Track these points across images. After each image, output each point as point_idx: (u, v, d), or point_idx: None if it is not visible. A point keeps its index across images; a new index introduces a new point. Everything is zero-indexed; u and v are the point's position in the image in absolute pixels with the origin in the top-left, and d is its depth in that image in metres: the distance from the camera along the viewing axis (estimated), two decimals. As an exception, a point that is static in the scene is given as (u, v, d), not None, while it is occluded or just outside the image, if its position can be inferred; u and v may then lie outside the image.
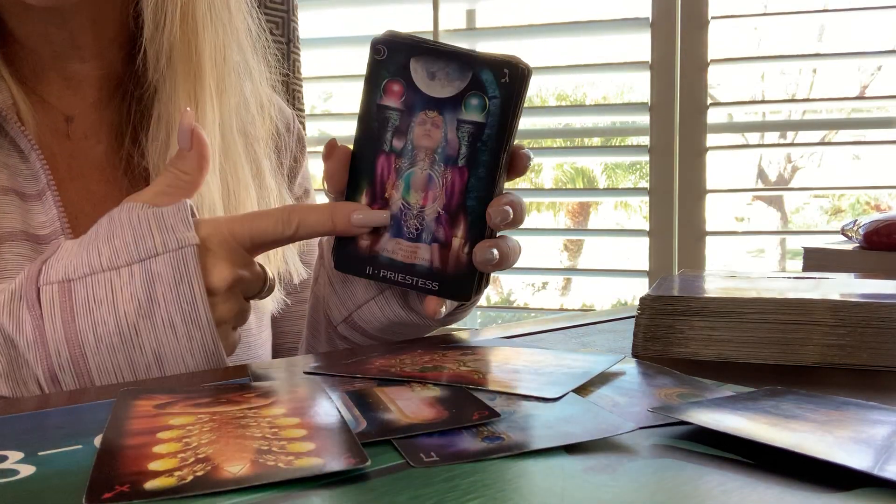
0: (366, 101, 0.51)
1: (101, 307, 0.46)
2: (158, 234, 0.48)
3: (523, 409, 0.37)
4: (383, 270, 0.52)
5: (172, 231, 0.48)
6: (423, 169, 0.50)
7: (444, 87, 0.49)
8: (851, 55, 1.73)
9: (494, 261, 0.50)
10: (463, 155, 0.49)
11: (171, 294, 0.47)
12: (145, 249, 0.47)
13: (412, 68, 0.49)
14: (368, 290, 0.56)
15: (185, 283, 0.47)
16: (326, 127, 2.39)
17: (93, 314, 0.46)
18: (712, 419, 0.34)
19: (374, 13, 1.82)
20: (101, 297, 0.46)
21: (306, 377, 0.43)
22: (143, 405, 0.37)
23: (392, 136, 0.50)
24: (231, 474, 0.28)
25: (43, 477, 0.29)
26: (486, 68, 0.48)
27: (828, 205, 8.91)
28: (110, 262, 0.47)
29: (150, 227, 0.48)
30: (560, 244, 9.11)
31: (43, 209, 0.59)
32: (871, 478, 0.28)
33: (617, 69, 1.89)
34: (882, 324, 0.46)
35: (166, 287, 0.47)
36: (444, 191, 0.50)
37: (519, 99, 0.49)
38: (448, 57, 0.49)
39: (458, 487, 0.28)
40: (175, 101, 0.61)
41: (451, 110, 0.49)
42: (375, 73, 0.50)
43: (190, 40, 0.60)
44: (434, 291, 0.52)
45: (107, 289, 0.46)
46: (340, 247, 0.53)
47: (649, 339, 0.50)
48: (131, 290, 0.46)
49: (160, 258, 0.47)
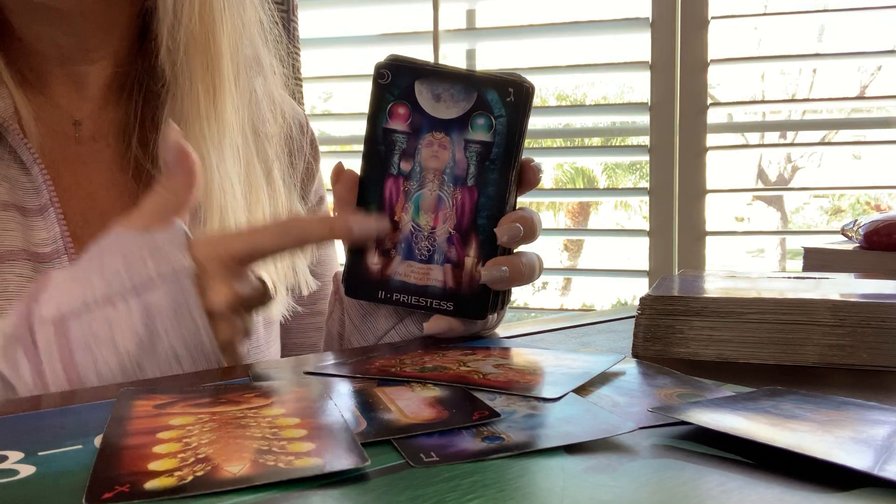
0: (371, 126, 0.51)
1: (100, 346, 0.44)
2: (151, 262, 0.45)
3: (523, 409, 0.37)
4: (396, 294, 0.52)
5: (166, 257, 0.46)
6: (432, 190, 0.51)
7: (449, 108, 0.50)
8: (851, 55, 1.73)
9: (504, 278, 0.50)
10: (472, 174, 0.50)
11: (171, 326, 0.45)
12: (139, 278, 0.45)
13: (417, 91, 0.50)
14: (389, 320, 0.56)
15: (185, 311, 0.45)
16: (326, 127, 2.39)
17: (92, 352, 0.44)
18: (712, 419, 0.34)
19: (374, 13, 1.82)
20: (100, 334, 0.44)
21: (306, 377, 0.43)
22: (143, 405, 0.37)
23: (399, 158, 0.51)
24: (231, 474, 0.28)
25: (43, 477, 0.29)
26: (491, 88, 0.49)
27: (828, 205, 8.92)
28: (104, 294, 0.45)
29: (143, 253, 0.46)
30: (560, 244, 9.11)
31: (45, 225, 0.57)
32: (871, 478, 0.28)
33: (617, 69, 1.89)
34: (882, 324, 0.46)
35: (166, 319, 0.45)
36: (454, 211, 0.50)
37: (524, 116, 0.50)
38: (452, 78, 0.50)
39: (458, 487, 0.28)
40: (193, 96, 0.59)
41: (458, 131, 0.50)
42: (380, 97, 0.51)
43: (207, 31, 0.58)
44: (449, 312, 0.52)
45: (104, 325, 0.44)
46: (351, 272, 0.52)
47: (649, 339, 0.50)
48: (130, 326, 0.44)
49: (156, 288, 0.45)
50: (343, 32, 1.82)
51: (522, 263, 0.51)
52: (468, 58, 1.77)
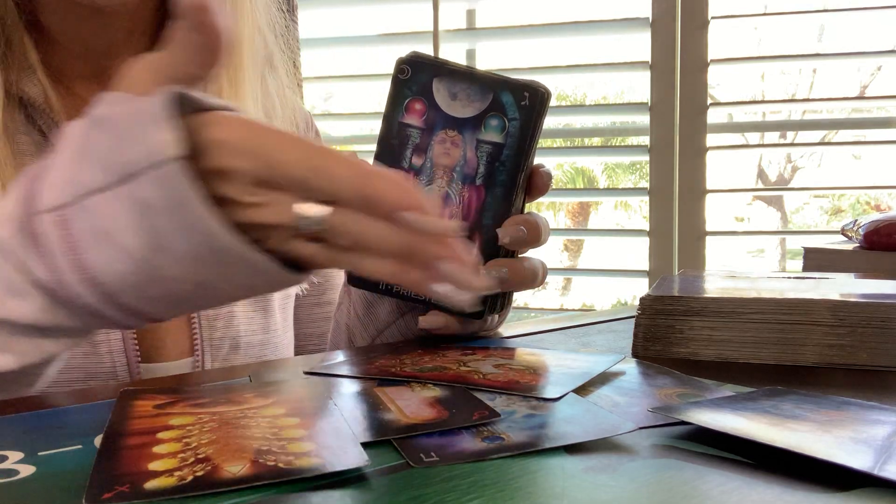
0: (387, 119, 0.52)
1: (103, 242, 0.35)
2: (131, 142, 0.35)
3: (523, 409, 0.37)
4: (396, 286, 0.52)
5: (143, 138, 0.35)
6: (441, 187, 0.51)
7: (464, 107, 0.50)
8: (851, 55, 1.73)
9: (503, 279, 0.50)
10: (481, 174, 0.50)
11: (172, 226, 0.35)
12: (120, 163, 0.35)
13: (434, 88, 0.51)
14: (391, 314, 0.56)
15: (185, 208, 0.34)
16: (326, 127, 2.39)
17: (99, 247, 0.36)
18: (712, 419, 0.34)
19: (374, 13, 1.82)
20: (100, 227, 0.35)
21: (306, 377, 0.43)
22: (143, 405, 0.37)
23: (412, 153, 0.51)
24: (231, 474, 0.28)
25: (43, 477, 0.29)
26: (507, 91, 0.50)
27: (828, 205, 8.92)
28: (93, 180, 0.35)
29: (124, 130, 0.36)
30: (560, 244, 9.11)
31: None
32: (871, 478, 0.28)
33: (617, 69, 1.89)
34: (882, 324, 0.46)
35: (163, 219, 0.35)
36: (460, 208, 0.51)
37: (538, 121, 0.50)
38: (470, 79, 0.50)
39: (458, 487, 0.28)
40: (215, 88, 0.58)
41: (471, 130, 0.50)
42: (398, 92, 0.51)
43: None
44: (446, 308, 0.52)
45: (103, 219, 0.35)
46: None
47: (649, 339, 0.50)
48: (127, 223, 0.35)
49: (139, 178, 0.34)
50: (343, 32, 1.82)
51: (524, 267, 0.51)
52: (468, 58, 1.77)
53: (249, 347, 0.63)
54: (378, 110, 1.99)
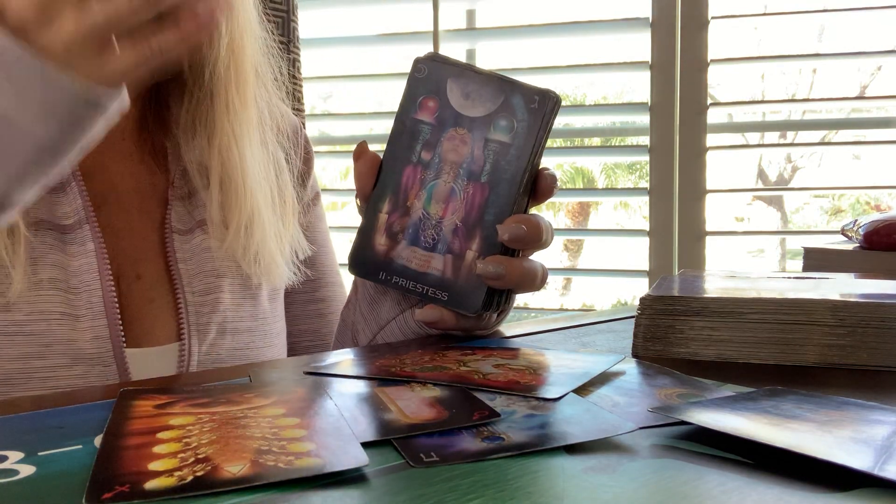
0: (401, 114, 0.53)
1: None
2: None
3: (523, 409, 0.37)
4: (396, 277, 0.53)
5: None
6: (447, 182, 0.52)
7: (476, 106, 0.52)
8: (851, 55, 1.73)
9: (499, 275, 0.51)
10: (486, 171, 0.52)
11: None
12: None
13: (448, 87, 0.52)
14: (392, 310, 0.57)
15: None
16: (326, 127, 2.39)
17: None
18: (712, 419, 0.34)
19: (374, 13, 1.82)
20: None
21: (306, 377, 0.43)
22: (143, 405, 0.37)
23: (422, 148, 0.53)
24: (231, 474, 0.28)
25: (43, 477, 0.29)
26: (518, 94, 0.51)
27: (828, 205, 8.92)
28: None
29: None
30: (560, 244, 9.10)
31: (67, 200, 0.59)
32: (871, 478, 0.28)
33: (617, 69, 1.89)
34: (882, 324, 0.46)
35: None
36: (464, 204, 0.52)
37: (546, 125, 0.51)
38: (485, 80, 0.52)
39: (458, 487, 0.28)
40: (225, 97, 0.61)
41: (480, 129, 0.52)
42: (413, 89, 0.53)
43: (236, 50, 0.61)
44: (443, 302, 0.52)
45: None
46: (358, 250, 0.54)
47: (649, 339, 0.50)
48: None
49: None
50: (343, 32, 1.82)
51: (522, 266, 0.52)
52: (468, 58, 1.77)
53: (237, 333, 0.64)
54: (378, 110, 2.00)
